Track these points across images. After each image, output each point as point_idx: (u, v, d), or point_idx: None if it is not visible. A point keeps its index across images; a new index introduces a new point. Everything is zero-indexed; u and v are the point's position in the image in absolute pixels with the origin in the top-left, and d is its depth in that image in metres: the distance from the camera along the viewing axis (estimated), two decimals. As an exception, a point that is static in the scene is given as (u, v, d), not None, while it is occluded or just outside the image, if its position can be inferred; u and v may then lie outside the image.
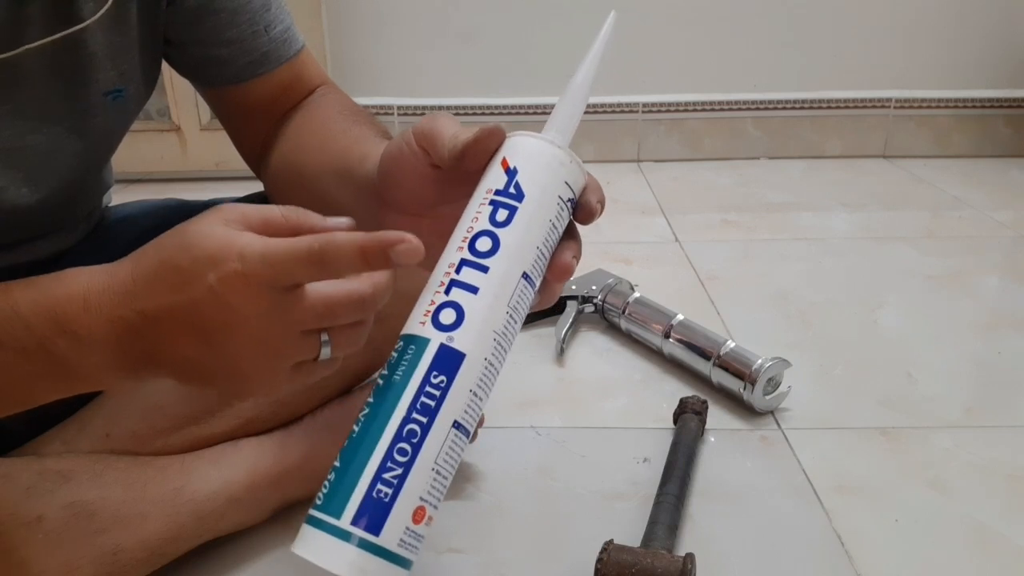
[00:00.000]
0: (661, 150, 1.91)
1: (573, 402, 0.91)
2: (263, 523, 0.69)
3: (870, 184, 1.74)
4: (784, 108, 1.87)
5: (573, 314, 1.05)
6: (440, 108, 1.88)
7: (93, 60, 0.59)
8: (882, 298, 1.17)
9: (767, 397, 0.87)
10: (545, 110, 1.85)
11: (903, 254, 1.34)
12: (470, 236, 0.39)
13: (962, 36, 1.82)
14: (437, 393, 0.37)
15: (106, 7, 0.56)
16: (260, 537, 0.68)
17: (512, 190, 0.39)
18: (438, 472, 0.37)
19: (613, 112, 1.88)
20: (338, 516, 0.35)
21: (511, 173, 0.40)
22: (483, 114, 1.87)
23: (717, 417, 0.87)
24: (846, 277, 1.26)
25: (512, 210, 0.39)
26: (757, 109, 1.88)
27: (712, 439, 0.83)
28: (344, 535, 0.35)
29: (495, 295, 0.38)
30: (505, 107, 1.87)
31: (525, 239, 0.39)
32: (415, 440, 0.36)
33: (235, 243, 0.39)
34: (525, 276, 0.39)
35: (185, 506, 0.61)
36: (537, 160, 0.40)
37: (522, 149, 0.41)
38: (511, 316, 0.39)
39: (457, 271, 0.38)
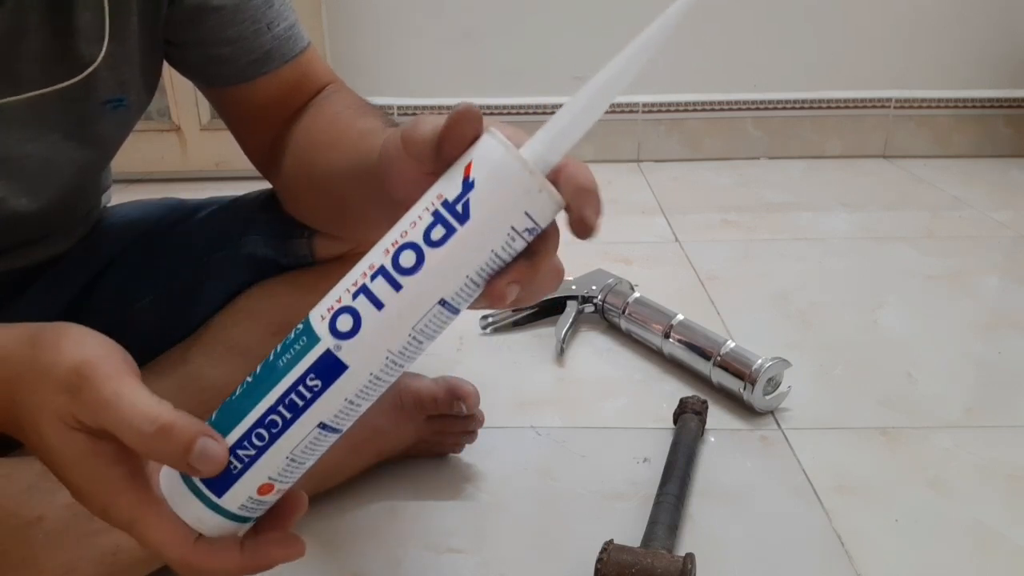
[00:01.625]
0: (661, 150, 1.91)
1: (573, 402, 0.91)
2: (263, 523, 0.69)
3: (870, 184, 1.74)
4: (784, 108, 1.87)
5: (573, 314, 1.05)
6: (440, 108, 1.88)
7: (94, 76, 0.59)
8: (882, 298, 1.17)
9: (767, 397, 0.87)
10: (545, 110, 1.86)
11: (903, 254, 1.34)
12: (400, 244, 0.35)
13: (962, 36, 1.82)
14: (308, 396, 0.36)
15: (105, 45, 0.56)
16: (260, 537, 0.69)
17: (459, 208, 0.34)
18: (293, 460, 0.38)
19: (613, 112, 1.88)
20: None
21: (467, 186, 0.35)
22: (484, 114, 1.87)
23: (717, 417, 0.87)
24: (846, 277, 1.26)
25: (450, 232, 0.34)
26: (757, 109, 1.88)
27: (712, 439, 0.83)
28: (196, 490, 0.37)
29: (400, 316, 0.35)
30: (505, 107, 1.86)
31: (454, 266, 0.35)
32: (275, 431, 0.37)
33: (65, 371, 0.37)
34: (443, 303, 0.35)
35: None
36: (498, 181, 0.35)
37: (490, 160, 0.35)
38: (415, 339, 0.36)
39: (372, 278, 0.35)
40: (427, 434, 0.77)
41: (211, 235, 0.75)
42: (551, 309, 1.08)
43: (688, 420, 0.82)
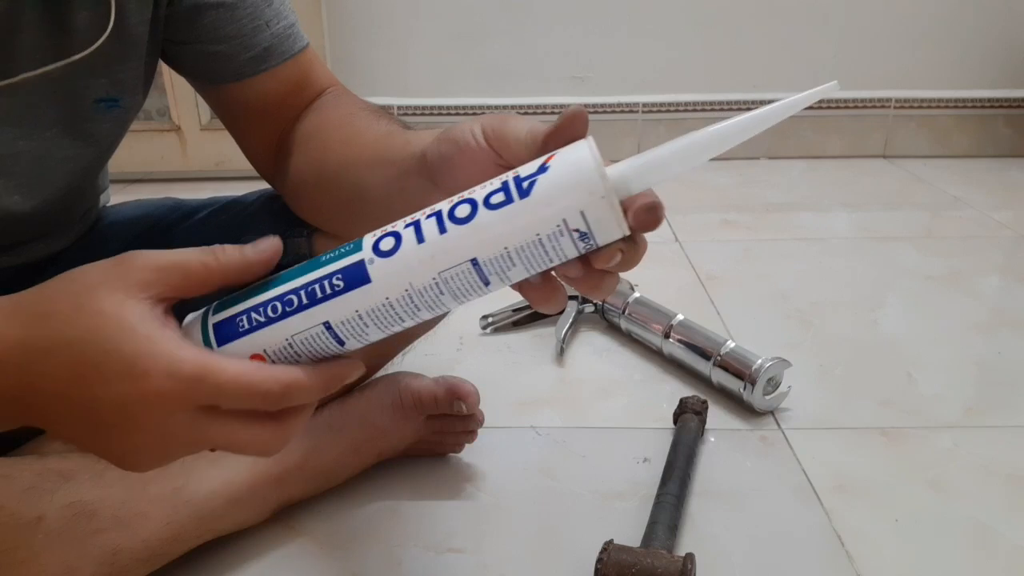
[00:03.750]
0: (661, 150, 1.91)
1: (573, 402, 0.91)
2: (263, 523, 0.69)
3: (870, 184, 1.74)
4: (784, 108, 1.87)
5: (573, 314, 1.05)
6: (440, 108, 1.88)
7: (86, 70, 0.59)
8: (882, 298, 1.17)
9: (767, 397, 0.87)
10: (545, 110, 1.86)
11: (903, 254, 1.34)
12: (464, 197, 0.38)
13: (962, 36, 1.82)
14: (328, 291, 0.39)
15: (109, 28, 0.56)
16: (260, 537, 0.69)
17: (524, 184, 0.37)
18: (290, 345, 0.40)
19: (613, 112, 1.88)
20: (214, 314, 0.41)
21: (541, 169, 0.37)
22: (483, 114, 1.87)
23: (717, 417, 0.87)
24: (846, 277, 1.26)
25: (508, 200, 0.37)
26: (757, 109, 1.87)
27: (712, 439, 0.83)
28: (205, 332, 0.40)
29: (433, 256, 0.37)
30: (505, 107, 1.86)
31: (498, 233, 0.37)
32: (288, 309, 0.39)
33: (161, 357, 0.36)
34: (475, 263, 0.37)
35: (185, 506, 0.61)
36: (568, 173, 0.36)
37: (571, 156, 0.37)
38: (438, 286, 0.38)
39: (427, 216, 0.38)
40: (427, 434, 0.77)
41: (210, 235, 0.75)
42: (551, 309, 1.08)
43: (688, 420, 0.82)
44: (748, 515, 0.73)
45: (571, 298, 1.07)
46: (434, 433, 0.77)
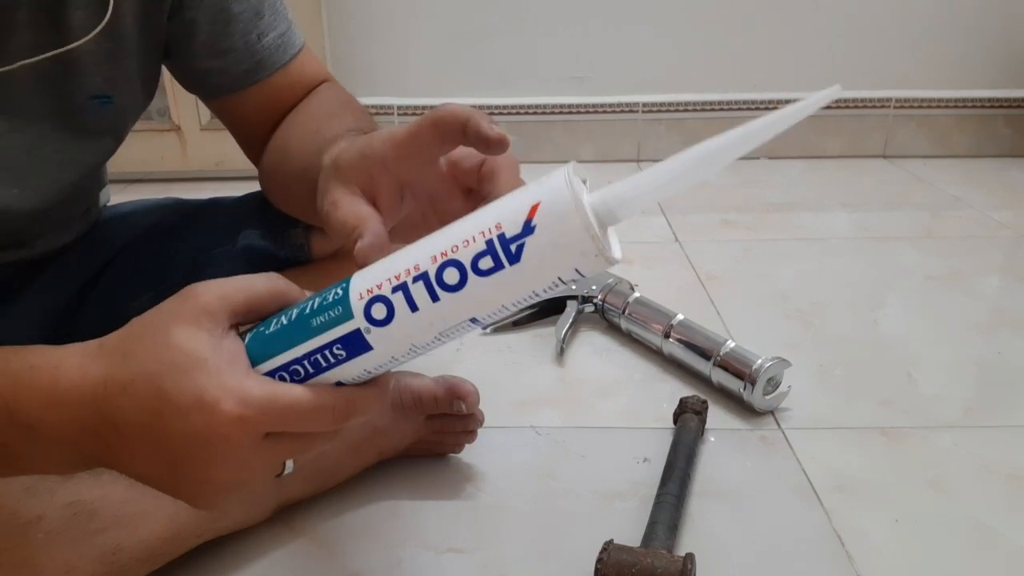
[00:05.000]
0: (661, 150, 1.91)
1: (573, 402, 0.91)
2: (263, 523, 0.69)
3: (870, 184, 1.74)
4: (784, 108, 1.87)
5: (573, 314, 1.05)
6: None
7: (79, 65, 0.59)
8: (882, 298, 1.17)
9: (767, 397, 0.87)
10: (544, 110, 1.86)
11: (903, 254, 1.34)
12: (448, 257, 0.36)
13: (962, 36, 1.82)
14: (332, 360, 0.39)
15: (103, 23, 0.56)
16: (260, 537, 0.69)
17: (513, 248, 0.35)
18: None
19: (613, 112, 1.88)
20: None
21: (527, 229, 0.34)
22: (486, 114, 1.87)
23: (717, 417, 0.87)
24: (846, 277, 1.26)
25: (498, 267, 0.35)
26: (757, 109, 1.88)
27: (712, 439, 0.83)
28: None
29: (430, 323, 0.37)
30: (504, 107, 1.86)
31: (492, 296, 0.36)
32: (296, 379, 0.40)
33: (231, 386, 0.37)
34: (473, 320, 0.38)
35: (185, 506, 0.61)
36: (558, 235, 0.34)
37: (556, 212, 0.34)
38: (438, 338, 0.38)
39: (414, 280, 0.37)
40: (427, 433, 0.77)
41: (211, 232, 0.75)
42: (551, 309, 1.08)
43: (688, 420, 0.82)
44: (748, 515, 0.73)
45: (571, 298, 1.07)
46: (434, 433, 0.77)
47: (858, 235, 1.44)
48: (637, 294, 1.04)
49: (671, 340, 0.96)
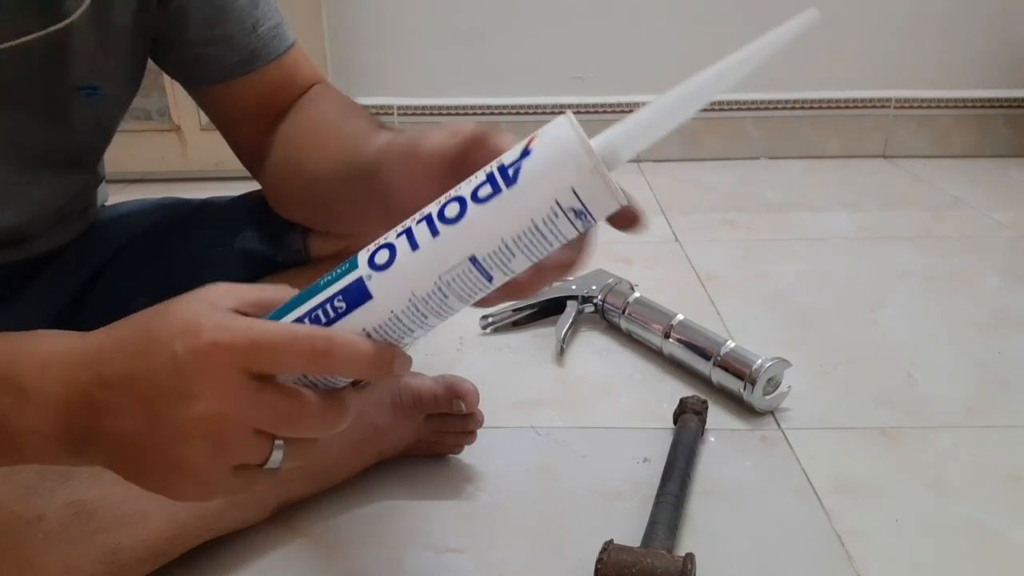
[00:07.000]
0: (661, 150, 1.91)
1: (573, 402, 0.91)
2: (263, 523, 0.69)
3: (870, 184, 1.74)
4: (784, 108, 1.87)
5: (573, 314, 1.05)
6: (440, 108, 1.88)
7: (65, 54, 0.59)
8: (882, 298, 1.17)
9: (767, 397, 0.87)
10: (545, 110, 1.85)
11: (903, 254, 1.34)
12: (451, 196, 0.37)
13: (962, 36, 1.82)
14: (332, 315, 0.38)
15: (85, 5, 0.56)
16: (260, 537, 0.69)
17: (510, 172, 0.36)
18: (304, 376, 0.40)
19: (613, 112, 1.88)
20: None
21: (524, 154, 0.36)
22: (484, 114, 1.87)
23: (717, 417, 0.87)
24: (846, 277, 1.26)
25: (496, 191, 0.36)
26: (757, 109, 1.88)
27: (712, 439, 0.83)
28: None
29: (430, 261, 0.36)
30: (505, 107, 1.87)
31: (491, 226, 0.36)
32: None
33: (214, 314, 0.37)
34: (473, 260, 0.36)
35: (185, 505, 0.61)
36: (552, 153, 0.35)
37: (553, 134, 0.36)
38: (440, 290, 0.37)
39: (417, 222, 0.37)
40: (427, 433, 0.77)
41: (209, 233, 0.75)
42: (551, 309, 1.08)
43: (688, 420, 0.82)
44: (748, 515, 0.73)
45: (571, 298, 1.07)
46: (434, 433, 0.77)
47: (858, 235, 1.44)
48: (637, 294, 1.04)
49: (671, 340, 0.96)
